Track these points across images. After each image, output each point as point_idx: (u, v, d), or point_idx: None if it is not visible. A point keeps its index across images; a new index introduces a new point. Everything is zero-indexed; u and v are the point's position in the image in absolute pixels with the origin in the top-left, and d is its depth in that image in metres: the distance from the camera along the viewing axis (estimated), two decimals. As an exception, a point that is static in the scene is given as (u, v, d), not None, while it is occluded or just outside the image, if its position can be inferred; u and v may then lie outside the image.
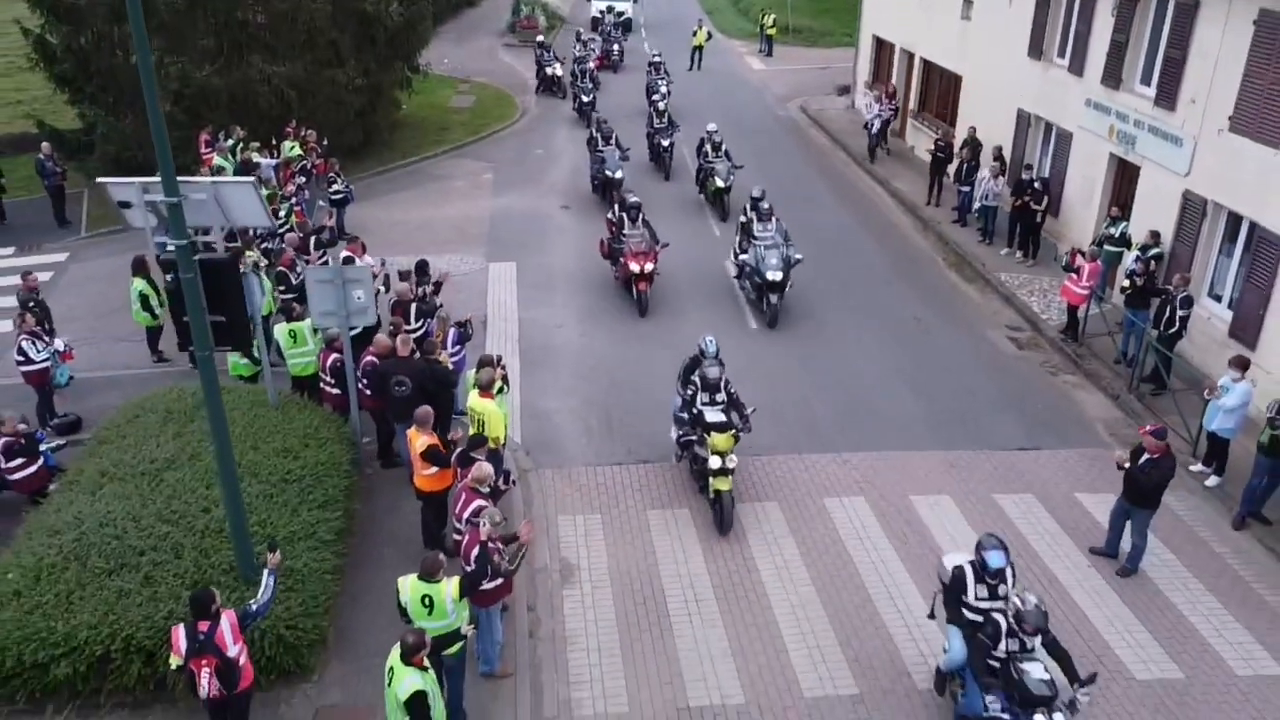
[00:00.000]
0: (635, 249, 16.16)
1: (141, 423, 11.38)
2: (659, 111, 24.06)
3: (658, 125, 23.86)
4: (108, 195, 9.12)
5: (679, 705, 8.82)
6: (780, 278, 15.65)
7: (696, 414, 11.18)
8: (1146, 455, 10.20)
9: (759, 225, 16.57)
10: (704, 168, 21.27)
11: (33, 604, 8.65)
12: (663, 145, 23.52)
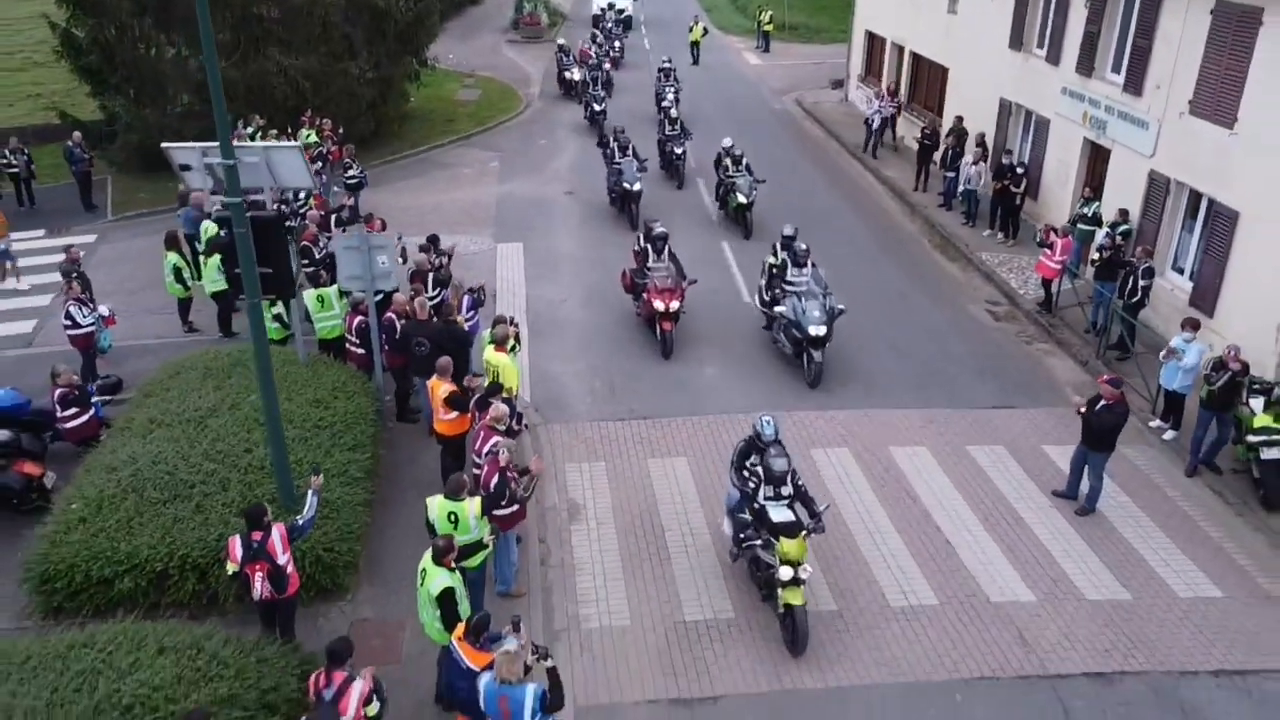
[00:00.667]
0: (660, 285, 14.75)
1: (182, 379, 12.38)
2: (671, 118, 23.63)
3: (669, 132, 23.40)
4: (170, 157, 9.98)
5: (675, 619, 9.84)
6: (824, 332, 13.81)
7: (759, 511, 9.61)
8: (1103, 402, 11.21)
9: (793, 270, 14.94)
10: (724, 182, 20.24)
11: (97, 529, 9.65)
12: (675, 153, 22.93)
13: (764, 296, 15.31)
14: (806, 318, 13.84)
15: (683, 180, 22.94)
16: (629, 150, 20.74)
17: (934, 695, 8.98)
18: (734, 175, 20.04)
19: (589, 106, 27.66)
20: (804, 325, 13.84)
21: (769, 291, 15.11)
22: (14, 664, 7.83)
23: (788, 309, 14.25)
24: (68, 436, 11.90)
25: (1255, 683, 9.26)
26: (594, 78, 28.61)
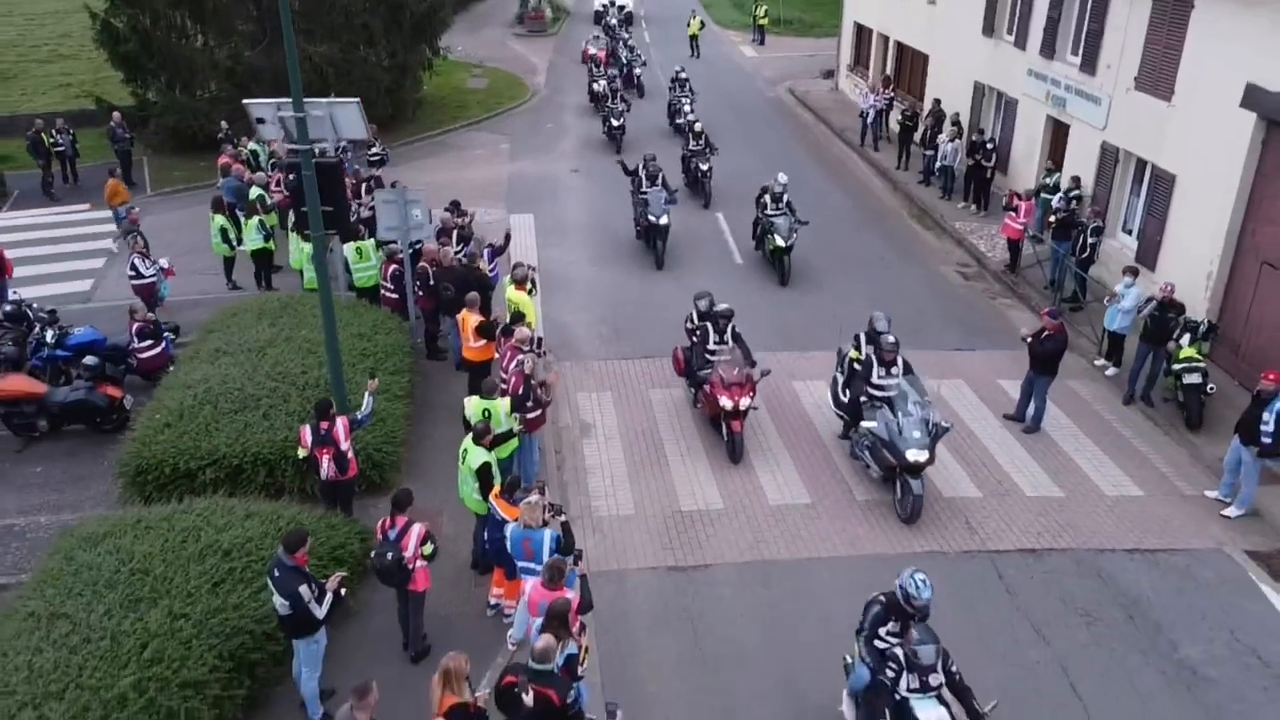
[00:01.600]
0: (729, 378, 12.06)
1: (240, 319, 14.09)
2: (695, 132, 22.16)
3: (694, 147, 21.94)
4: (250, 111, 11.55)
5: (673, 509, 11.55)
6: (925, 458, 10.92)
7: (899, 705, 7.45)
8: (1046, 332, 12.90)
9: (880, 370, 11.85)
10: (762, 221, 18.33)
11: (180, 431, 11.34)
12: (701, 169, 21.55)
13: (841, 398, 12.52)
14: (904, 439, 10.92)
15: (709, 199, 21.59)
16: (659, 180, 18.82)
17: (889, 564, 10.61)
18: (773, 214, 17.96)
19: (606, 121, 26.34)
20: (900, 449, 10.92)
21: (846, 391, 12.41)
22: (128, 525, 9.54)
23: (878, 425, 11.29)
24: (141, 366, 13.60)
25: (1163, 558, 10.95)
26: (613, 90, 27.26)
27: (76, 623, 8.20)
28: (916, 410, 11.28)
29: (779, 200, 18.08)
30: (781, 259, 17.87)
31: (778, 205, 18.07)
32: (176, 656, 7.93)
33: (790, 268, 17.87)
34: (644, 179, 18.98)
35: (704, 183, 21.76)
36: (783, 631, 9.78)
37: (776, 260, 18.03)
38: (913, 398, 11.48)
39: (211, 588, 8.66)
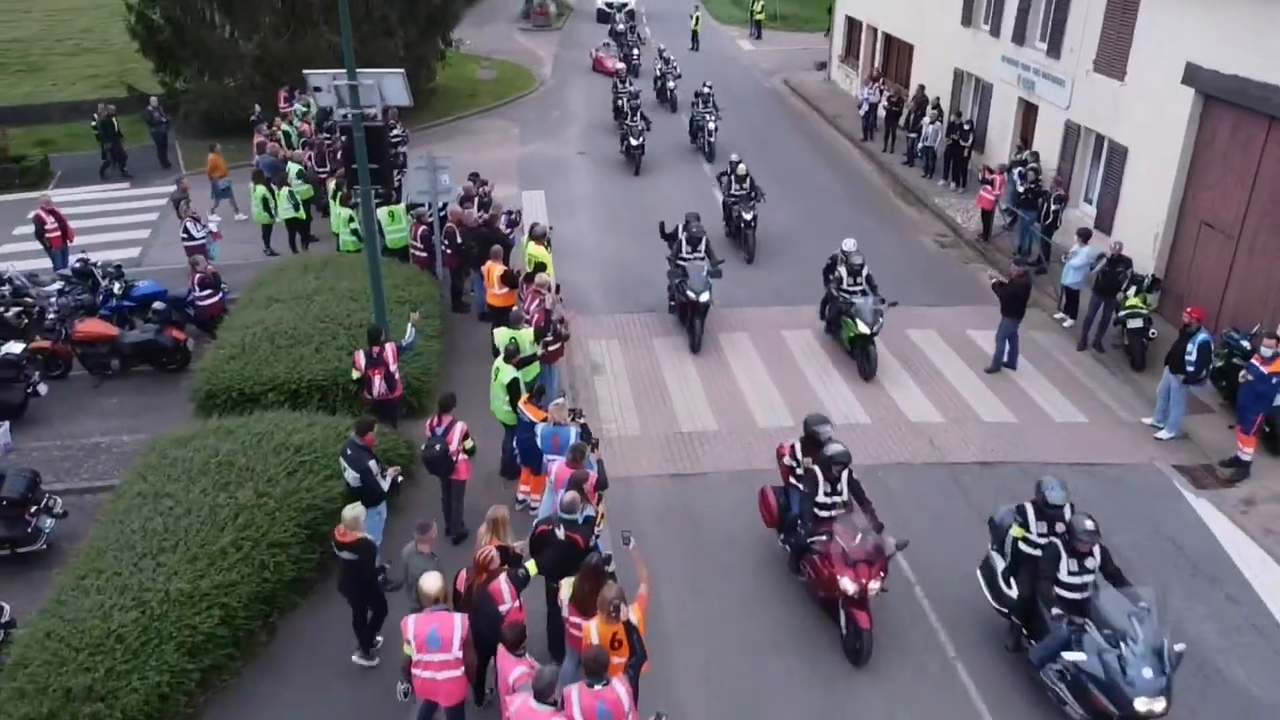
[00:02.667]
0: (853, 552, 9.17)
1: (286, 273, 15.75)
2: (738, 175, 18.96)
3: (736, 192, 19.05)
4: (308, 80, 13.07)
5: (674, 431, 13.22)
6: (1163, 707, 7.97)
7: None
8: (1010, 279, 14.61)
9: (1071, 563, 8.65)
10: (837, 299, 15.09)
11: (244, 362, 12.97)
12: (745, 219, 18.72)
13: (1005, 590, 9.38)
14: (1130, 682, 7.93)
15: (752, 253, 18.80)
16: (701, 245, 15.86)
17: (860, 473, 12.30)
18: (852, 290, 14.87)
19: (625, 139, 24.70)
20: (1125, 695, 7.91)
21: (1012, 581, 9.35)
22: (210, 430, 11.21)
23: (1088, 659, 8.14)
24: (201, 313, 15.23)
25: (1100, 470, 12.61)
26: (633, 107, 25.26)
27: (178, 500, 9.85)
28: (1138, 628, 8.04)
29: (857, 274, 14.98)
30: (864, 349, 14.46)
31: (855, 280, 14.95)
32: (263, 523, 9.60)
33: (876, 360, 14.49)
34: (684, 243, 15.93)
35: (747, 235, 18.75)
36: (769, 529, 11.42)
37: (857, 349, 14.62)
38: (1126, 608, 8.24)
39: (287, 475, 10.32)
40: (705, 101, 25.57)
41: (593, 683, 6.87)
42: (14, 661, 8.12)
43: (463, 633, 7.57)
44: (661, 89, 30.75)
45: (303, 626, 9.67)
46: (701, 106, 25.55)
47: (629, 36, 37.11)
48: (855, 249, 15.37)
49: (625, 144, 24.73)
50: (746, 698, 9.08)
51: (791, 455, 10.40)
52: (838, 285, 15.24)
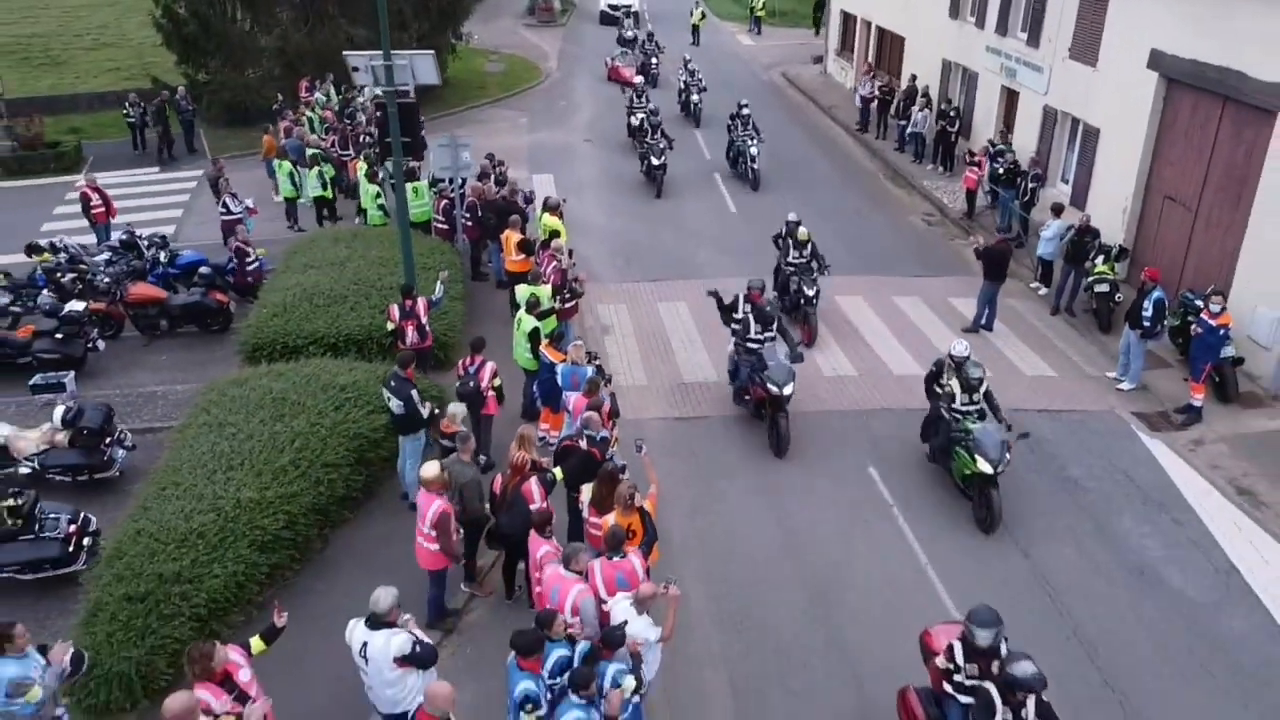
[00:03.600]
0: None
1: (318, 243, 17.03)
2: (799, 240, 15.77)
3: (795, 259, 15.81)
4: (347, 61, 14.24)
5: (677, 381, 14.52)
6: None
7: None
8: (992, 244, 15.91)
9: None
10: (945, 426, 11.80)
11: (287, 318, 14.23)
12: (806, 294, 15.40)
13: None
14: None
15: (814, 336, 15.44)
16: (774, 324, 13.13)
17: (849, 418, 13.63)
18: (966, 411, 11.61)
19: (645, 159, 23.02)
20: None
21: None
22: (262, 374, 12.48)
23: None
24: (240, 280, 16.51)
25: (1064, 415, 13.89)
26: (654, 124, 23.60)
27: (240, 428, 11.13)
28: None
29: (974, 388, 11.51)
30: (986, 493, 11.06)
31: (971, 395, 11.52)
32: (317, 447, 10.88)
33: (1000, 508, 11.12)
34: (751, 319, 13.09)
35: (808, 313, 15.37)
36: (761, 456, 12.72)
37: (975, 491, 11.24)
38: None
39: (335, 409, 11.59)
40: (745, 123, 23.47)
41: (612, 556, 8.15)
42: (110, 554, 9.39)
43: (434, 517, 8.92)
44: (685, 102, 29.02)
45: (352, 538, 10.96)
46: (741, 129, 23.48)
47: (647, 45, 34.87)
48: (968, 352, 11.81)
49: (646, 164, 23.01)
50: (741, 595, 10.36)
51: (949, 658, 7.65)
52: (949, 402, 11.69)
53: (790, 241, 16.18)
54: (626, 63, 33.77)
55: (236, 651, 7.19)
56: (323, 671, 8.89)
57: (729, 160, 24.06)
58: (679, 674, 9.22)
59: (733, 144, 23.83)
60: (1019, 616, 10.10)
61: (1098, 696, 9.14)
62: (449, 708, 6.68)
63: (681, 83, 29.48)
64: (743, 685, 9.24)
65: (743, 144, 23.25)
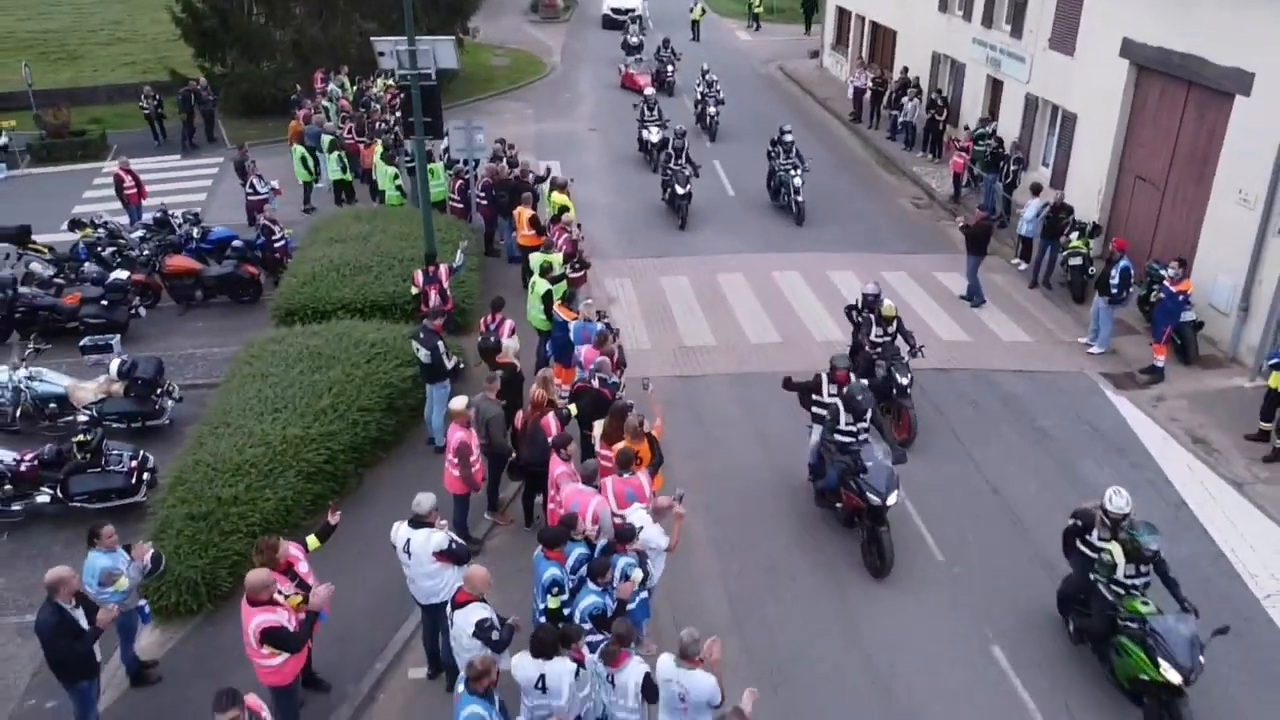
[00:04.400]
0: None
1: (339, 222, 18.12)
2: (883, 316, 13.18)
3: (878, 337, 13.22)
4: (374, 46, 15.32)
5: (678, 345, 15.66)
6: None
7: None
8: (974, 221, 17.01)
9: None
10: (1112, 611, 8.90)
11: (315, 285, 15.32)
12: (898, 383, 12.76)
13: None
14: None
15: (913, 429, 12.91)
16: (868, 414, 10.88)
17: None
18: (1130, 585, 8.93)
19: (669, 187, 20.83)
20: None
21: None
22: (297, 334, 13.58)
23: None
24: (268, 255, 17.60)
25: (1037, 375, 15.01)
26: (678, 147, 21.28)
27: (280, 377, 12.24)
28: None
29: (1145, 558, 8.86)
30: (1175, 708, 8.37)
31: (1139, 567, 8.90)
32: (353, 392, 12.02)
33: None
34: (842, 410, 10.89)
35: (903, 405, 12.81)
36: (756, 411, 13.84)
37: (1154, 700, 8.52)
38: None
39: (366, 361, 12.71)
40: (788, 150, 21.22)
41: (623, 473, 9.26)
42: (172, 481, 10.49)
43: (454, 445, 10.06)
44: (702, 114, 27.36)
45: (384, 475, 12.07)
46: (783, 156, 21.30)
47: (663, 51, 33.19)
48: (1129, 507, 9.10)
49: (669, 191, 20.87)
50: (737, 523, 11.50)
51: None
52: (1108, 574, 8.98)
53: (872, 317, 13.30)
54: (641, 70, 32.40)
55: (296, 547, 8.29)
56: (365, 583, 10.02)
57: (769, 190, 21.85)
58: (682, 590, 10.33)
59: (774, 173, 21.62)
60: (985, 535, 11.30)
61: (1050, 594, 10.15)
62: (484, 588, 7.78)
63: (699, 93, 27.87)
64: (738, 597, 10.36)
65: (785, 174, 21.08)
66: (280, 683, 7.69)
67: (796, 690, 9.20)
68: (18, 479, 11.02)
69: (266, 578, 7.43)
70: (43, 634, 7.61)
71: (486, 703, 6.87)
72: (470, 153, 18.05)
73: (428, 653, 9.22)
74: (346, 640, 9.38)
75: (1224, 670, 9.44)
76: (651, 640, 8.95)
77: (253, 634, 7.37)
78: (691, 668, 7.11)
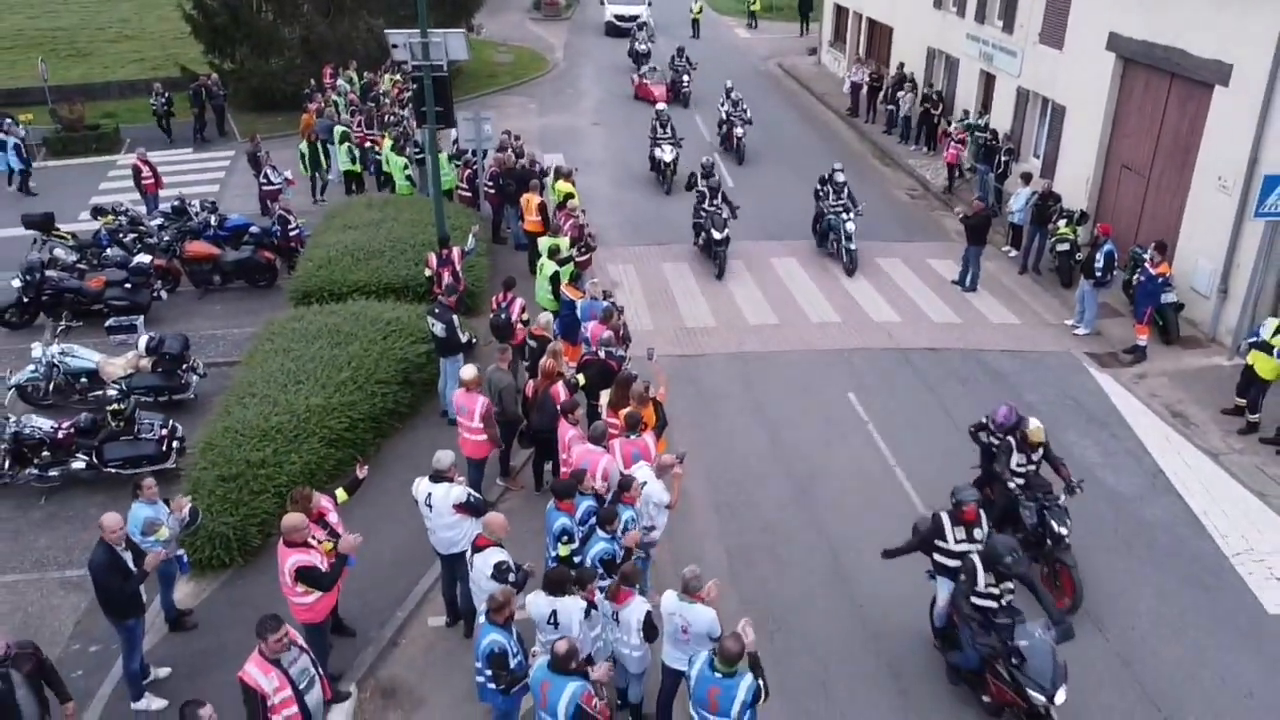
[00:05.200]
0: None
1: (352, 210, 18.75)
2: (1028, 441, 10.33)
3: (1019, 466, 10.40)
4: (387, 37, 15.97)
5: (679, 326, 16.30)
6: None
7: None
8: (973, 212, 17.62)
9: None
10: None
11: (331, 269, 15.95)
12: (1054, 531, 10.01)
13: None
14: None
15: (1078, 593, 9.99)
16: (1013, 573, 8.34)
17: (831, 357, 15.36)
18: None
19: (704, 231, 18.21)
20: None
21: None
22: (315, 312, 14.20)
23: None
24: (284, 243, 18.20)
25: (1024, 354, 15.64)
26: (712, 187, 18.44)
27: (302, 352, 12.86)
28: None
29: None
30: None
31: None
32: (370, 366, 12.65)
33: None
34: (979, 571, 8.46)
35: (1061, 562, 10.06)
36: (755, 387, 14.46)
37: None
38: None
39: (383, 338, 13.33)
40: (839, 191, 18.71)
41: (629, 434, 9.88)
42: (203, 446, 11.12)
43: (482, 410, 10.65)
44: (727, 134, 25.51)
45: (400, 445, 12.70)
46: (832, 197, 18.71)
47: (677, 60, 31.52)
48: None
49: (703, 236, 18.28)
50: (735, 488, 12.12)
51: None
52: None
53: (1010, 444, 10.46)
54: (655, 80, 30.88)
55: (326, 499, 8.91)
56: (387, 540, 10.64)
57: (815, 235, 19.35)
58: (683, 548, 10.94)
59: (821, 215, 19.03)
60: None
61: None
62: (502, 533, 8.40)
63: (723, 113, 25.65)
64: (737, 554, 10.98)
65: (835, 218, 18.47)
66: (313, 619, 8.31)
67: (792, 637, 9.82)
68: (55, 446, 11.63)
69: (301, 520, 8.06)
70: (95, 573, 8.22)
71: (506, 632, 7.49)
72: (479, 143, 18.67)
73: (446, 601, 9.84)
74: (370, 592, 10.01)
75: (1194, 622, 10.07)
76: (654, 592, 9.57)
77: (288, 572, 7.99)
78: (693, 602, 7.72)
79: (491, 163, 19.06)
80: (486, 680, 7.61)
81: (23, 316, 16.05)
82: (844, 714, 9.00)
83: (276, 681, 6.96)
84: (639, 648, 8.09)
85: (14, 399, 13.22)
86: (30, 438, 11.63)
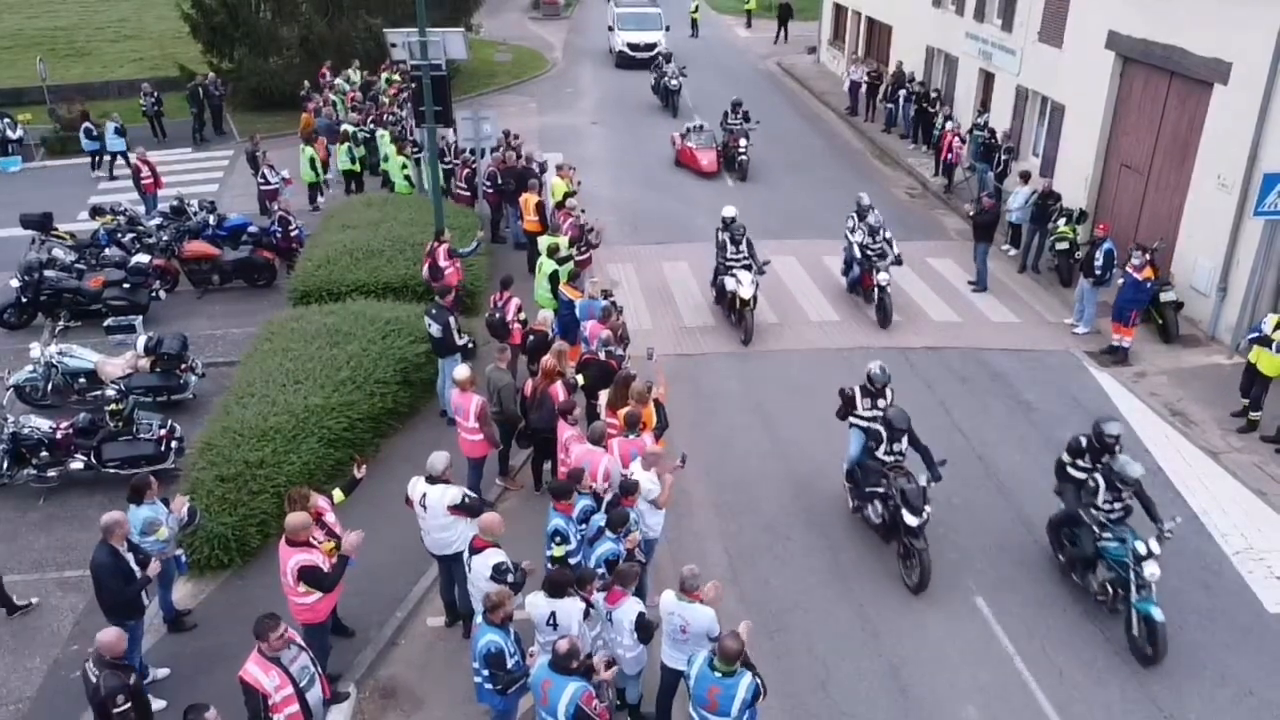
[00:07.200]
0: None
1: (352, 208, 18.75)
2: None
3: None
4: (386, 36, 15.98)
5: (679, 325, 16.30)
6: None
7: None
8: (982, 209, 17.60)
9: None
10: None
11: (330, 269, 15.92)
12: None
13: None
14: None
15: None
16: None
17: (829, 356, 15.34)
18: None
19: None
20: None
21: None
22: (314, 312, 14.19)
23: None
24: (284, 244, 18.18)
25: (1024, 354, 15.61)
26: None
27: (301, 351, 12.85)
28: None
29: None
30: None
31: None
32: (370, 365, 12.64)
33: None
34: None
35: None
36: (755, 386, 14.46)
37: None
38: None
39: (382, 338, 13.32)
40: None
41: (629, 434, 9.87)
42: (201, 446, 11.11)
43: (477, 409, 10.62)
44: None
45: (400, 445, 12.68)
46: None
47: (730, 117, 24.55)
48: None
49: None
50: (735, 488, 12.11)
51: None
52: None
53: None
54: (702, 144, 23.89)
55: (323, 500, 8.90)
56: (386, 541, 10.57)
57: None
58: (685, 546, 10.94)
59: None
60: (970, 499, 11.91)
61: (1030, 549, 10.83)
62: (499, 532, 8.39)
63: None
64: (736, 554, 10.97)
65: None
66: (313, 620, 8.30)
67: (792, 636, 9.81)
68: (54, 446, 11.62)
69: (305, 519, 8.05)
70: (98, 574, 8.21)
71: (503, 632, 7.48)
72: (477, 142, 18.66)
73: (445, 602, 9.83)
74: (369, 592, 9.99)
75: (1193, 619, 10.06)
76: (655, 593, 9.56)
77: (290, 572, 7.98)
78: (692, 601, 7.71)
79: (489, 162, 19.03)
80: (484, 681, 7.60)
81: (21, 316, 16.05)
82: (844, 713, 8.99)
83: (278, 680, 6.95)
84: (633, 648, 8.09)
85: (12, 399, 13.22)
86: (29, 438, 11.63)
